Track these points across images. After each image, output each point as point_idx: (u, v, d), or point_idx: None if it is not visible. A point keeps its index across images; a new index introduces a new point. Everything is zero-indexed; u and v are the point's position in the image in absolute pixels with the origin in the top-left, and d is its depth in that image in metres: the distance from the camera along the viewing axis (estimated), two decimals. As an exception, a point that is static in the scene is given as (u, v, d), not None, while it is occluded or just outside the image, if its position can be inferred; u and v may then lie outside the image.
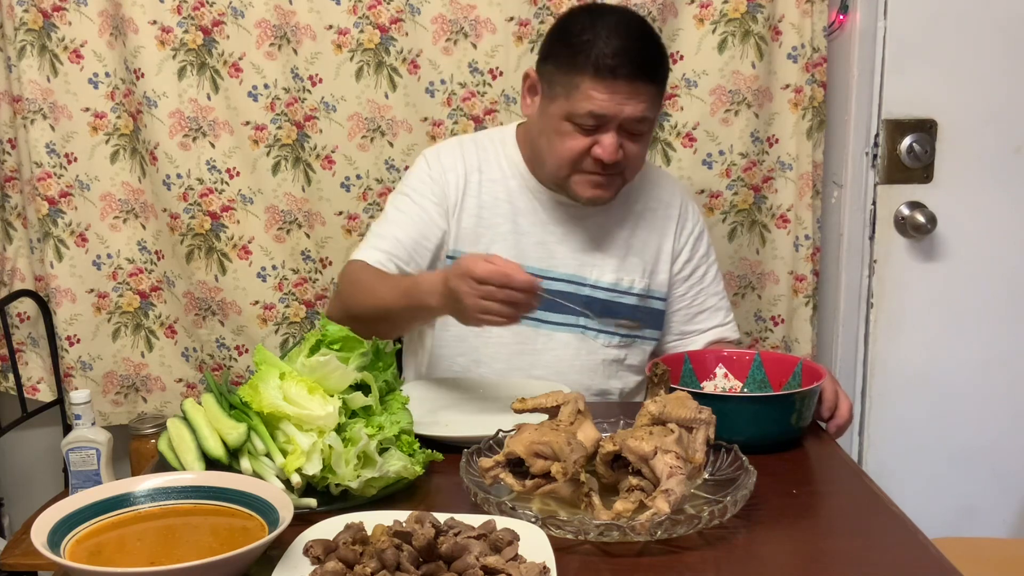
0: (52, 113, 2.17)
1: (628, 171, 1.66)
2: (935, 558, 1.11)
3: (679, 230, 1.81)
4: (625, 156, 1.62)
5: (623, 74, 1.55)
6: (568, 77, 1.59)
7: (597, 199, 1.67)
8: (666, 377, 1.36)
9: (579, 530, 1.10)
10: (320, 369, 1.29)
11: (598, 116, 1.57)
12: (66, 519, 1.08)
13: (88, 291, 2.26)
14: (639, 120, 1.59)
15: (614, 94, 1.56)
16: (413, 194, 1.74)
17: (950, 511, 2.21)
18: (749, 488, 1.17)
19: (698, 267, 1.82)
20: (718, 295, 1.85)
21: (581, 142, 1.61)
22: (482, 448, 1.31)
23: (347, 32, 2.12)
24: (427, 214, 1.72)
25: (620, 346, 1.77)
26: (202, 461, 1.26)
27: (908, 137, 2.11)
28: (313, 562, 1.04)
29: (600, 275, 1.75)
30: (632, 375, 1.81)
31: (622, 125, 1.59)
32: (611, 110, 1.57)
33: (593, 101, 1.56)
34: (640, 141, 1.63)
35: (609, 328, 1.75)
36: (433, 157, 1.77)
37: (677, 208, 1.81)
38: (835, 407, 1.52)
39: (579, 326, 1.74)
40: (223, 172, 2.19)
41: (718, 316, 1.84)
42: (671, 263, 1.80)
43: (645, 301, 1.78)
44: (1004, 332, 2.18)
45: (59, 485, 2.34)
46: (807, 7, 2.10)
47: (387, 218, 1.74)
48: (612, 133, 1.59)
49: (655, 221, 1.79)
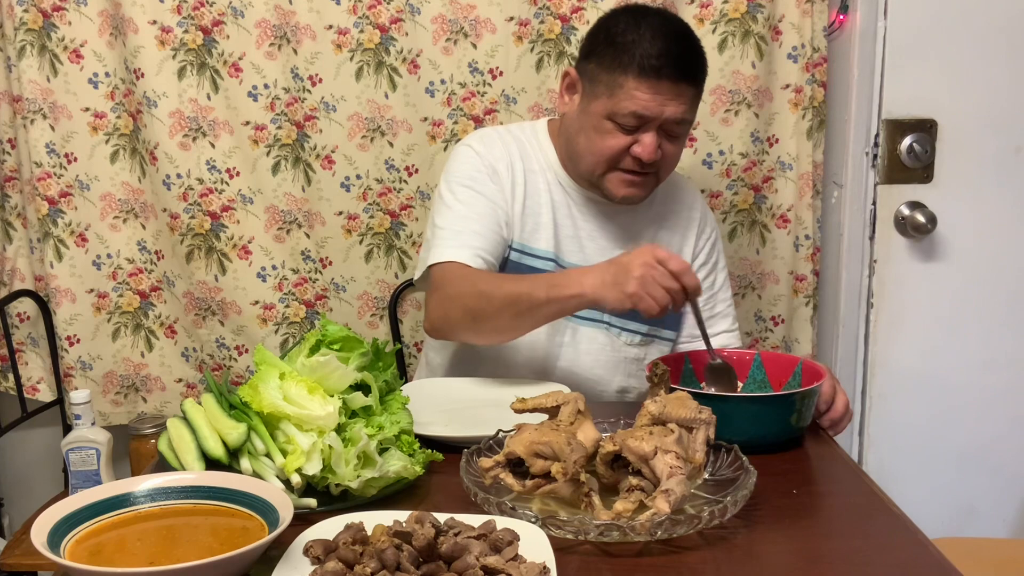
0: (52, 113, 2.17)
1: (663, 171, 1.69)
2: (935, 558, 1.11)
3: (699, 235, 1.83)
4: (663, 156, 1.64)
5: (667, 75, 1.57)
6: (612, 76, 1.60)
7: (631, 198, 1.69)
8: (666, 377, 1.36)
9: (579, 530, 1.10)
10: (320, 369, 1.29)
11: (640, 116, 1.59)
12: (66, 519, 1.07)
13: (88, 291, 2.26)
14: (679, 121, 1.61)
15: (657, 94, 1.57)
16: (475, 184, 1.70)
17: (950, 511, 2.21)
18: (749, 488, 1.17)
19: (711, 273, 1.84)
20: (726, 301, 1.87)
21: (621, 140, 1.62)
22: (482, 448, 1.31)
23: (347, 32, 2.12)
24: (494, 203, 1.69)
25: (640, 344, 1.79)
26: (202, 461, 1.26)
27: (908, 137, 2.11)
28: (313, 562, 1.04)
29: None
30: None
31: (662, 126, 1.61)
32: (654, 110, 1.58)
33: (636, 101, 1.58)
34: (677, 142, 1.66)
35: (630, 326, 1.77)
36: (479, 146, 1.73)
37: (698, 212, 1.84)
38: (832, 402, 1.52)
39: (603, 322, 1.76)
40: (223, 172, 2.19)
41: (726, 322, 1.85)
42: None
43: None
44: (1004, 332, 2.18)
45: (59, 485, 2.34)
46: (807, 7, 2.10)
47: (455, 213, 1.68)
48: (653, 133, 1.61)
49: (678, 223, 1.82)
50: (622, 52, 1.59)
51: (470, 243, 1.64)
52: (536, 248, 1.73)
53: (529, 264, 1.72)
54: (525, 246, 1.73)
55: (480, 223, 1.67)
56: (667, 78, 1.57)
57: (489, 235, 1.66)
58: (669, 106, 1.58)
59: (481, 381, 1.70)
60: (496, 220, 1.68)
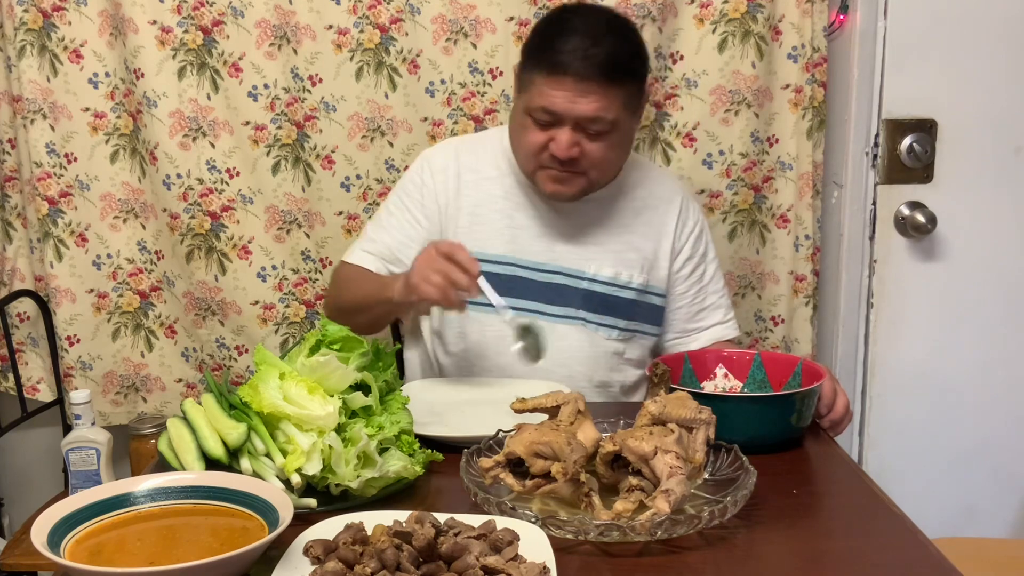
0: (52, 113, 2.17)
1: (593, 172, 1.68)
2: (935, 558, 1.11)
3: (679, 228, 1.82)
4: (584, 155, 1.64)
5: (573, 72, 1.58)
6: (529, 73, 1.64)
7: (557, 194, 1.71)
8: (666, 377, 1.36)
9: (579, 530, 1.10)
10: (320, 369, 1.29)
11: (550, 112, 1.61)
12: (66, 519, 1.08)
13: (88, 291, 2.26)
14: (593, 119, 1.60)
15: (565, 91, 1.59)
16: (404, 196, 1.81)
17: (950, 511, 2.21)
18: (749, 488, 1.17)
19: (699, 265, 1.84)
20: (718, 293, 1.86)
21: (539, 137, 1.65)
22: (482, 448, 1.31)
23: (347, 32, 2.12)
24: (412, 216, 1.79)
25: (620, 340, 1.79)
26: (202, 461, 1.26)
27: (908, 137, 2.11)
28: (313, 562, 1.04)
29: (599, 269, 1.77)
30: (632, 368, 1.82)
31: (579, 124, 1.61)
32: (561, 107, 1.60)
33: (544, 96, 1.61)
34: (601, 141, 1.64)
35: (606, 321, 1.77)
36: (427, 159, 1.83)
37: (677, 205, 1.82)
38: (832, 404, 1.52)
39: (579, 318, 1.76)
40: (223, 172, 2.19)
41: (718, 314, 1.85)
42: (671, 260, 1.81)
43: (644, 296, 1.80)
44: (1004, 332, 2.18)
45: (59, 485, 2.34)
46: (807, 7, 2.10)
47: (378, 219, 1.83)
48: (566, 130, 1.62)
49: (654, 218, 1.81)
50: (538, 49, 1.64)
51: (372, 250, 1.78)
52: (490, 253, 1.75)
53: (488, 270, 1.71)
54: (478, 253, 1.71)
55: (390, 234, 1.79)
56: (573, 75, 1.58)
57: (395, 245, 1.77)
58: (579, 104, 1.59)
59: (481, 381, 1.70)
60: (408, 234, 1.78)
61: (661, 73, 2.14)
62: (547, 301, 1.76)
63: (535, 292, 1.76)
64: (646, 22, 2.08)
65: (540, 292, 1.76)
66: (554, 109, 1.60)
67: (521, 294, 1.76)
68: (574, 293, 1.76)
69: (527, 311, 1.74)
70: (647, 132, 2.16)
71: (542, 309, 1.75)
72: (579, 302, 1.76)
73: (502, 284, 1.74)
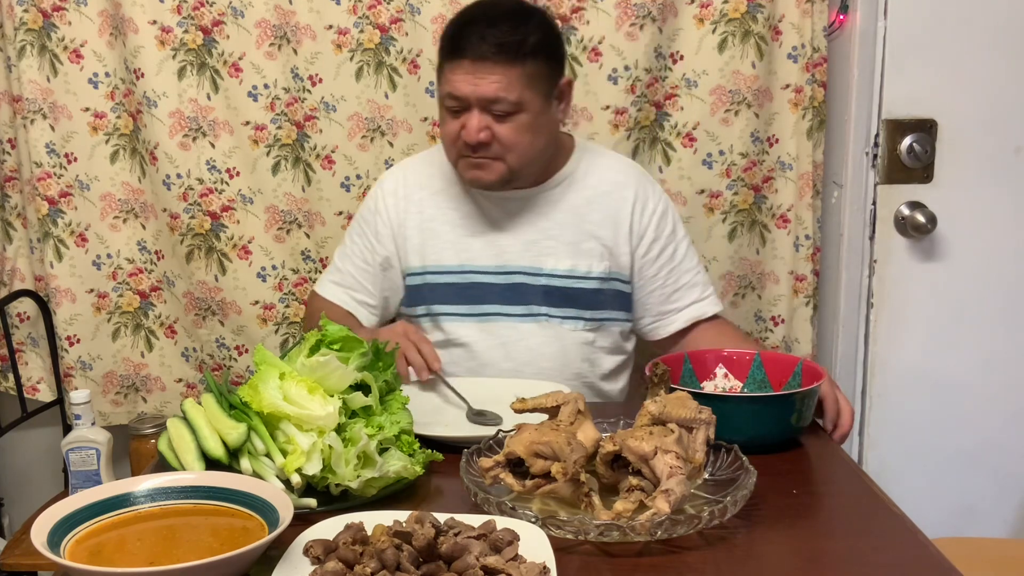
0: (52, 113, 2.17)
1: (511, 156, 1.69)
2: (935, 558, 1.11)
3: (637, 211, 1.81)
4: (496, 138, 1.66)
5: (470, 54, 1.62)
6: (439, 64, 1.69)
7: (476, 181, 1.73)
8: (666, 377, 1.36)
9: (579, 530, 1.10)
10: (320, 369, 1.29)
11: (455, 96, 1.65)
12: (66, 519, 1.08)
13: (88, 291, 2.26)
14: (495, 100, 1.63)
15: (464, 74, 1.63)
16: (362, 223, 1.88)
17: (950, 511, 2.21)
18: (749, 488, 1.17)
19: (667, 246, 1.82)
20: (692, 271, 1.84)
21: (454, 125, 1.68)
22: (482, 448, 1.31)
23: (347, 32, 2.12)
24: (368, 243, 1.85)
25: (588, 330, 1.80)
26: (202, 461, 1.26)
27: (908, 137, 2.11)
28: (313, 562, 1.04)
29: (556, 263, 1.78)
30: (606, 355, 1.83)
31: (484, 106, 1.64)
32: (463, 90, 1.63)
33: (449, 83, 1.65)
34: (509, 122, 1.66)
35: (570, 313, 1.78)
36: (380, 184, 1.89)
37: (632, 189, 1.81)
38: (837, 416, 1.52)
39: (541, 314, 1.78)
40: (223, 172, 2.19)
41: (694, 292, 1.84)
42: (633, 245, 1.81)
43: (608, 284, 1.80)
44: (1004, 332, 2.18)
45: (59, 485, 2.34)
46: (807, 7, 2.10)
47: (342, 246, 1.91)
48: (474, 113, 1.65)
49: (609, 204, 1.80)
50: (443, 40, 1.68)
51: (340, 280, 1.88)
52: (446, 265, 1.80)
53: (443, 281, 1.80)
54: (431, 267, 1.81)
55: (351, 260, 1.87)
56: (470, 57, 1.61)
57: (356, 272, 1.86)
58: (480, 85, 1.62)
59: (481, 381, 1.70)
60: (365, 259, 1.86)
61: (661, 73, 2.14)
62: (507, 302, 1.78)
63: (494, 295, 1.78)
64: (646, 22, 2.08)
65: (499, 295, 1.78)
66: (457, 93, 1.63)
67: (480, 299, 1.78)
68: (534, 290, 1.77)
69: (488, 315, 1.78)
70: (647, 132, 2.16)
71: (503, 311, 1.78)
72: (540, 298, 1.78)
73: (460, 293, 1.79)
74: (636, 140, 2.15)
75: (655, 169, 2.18)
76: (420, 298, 1.82)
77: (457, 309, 1.80)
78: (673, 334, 1.84)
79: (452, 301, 1.80)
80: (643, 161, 2.16)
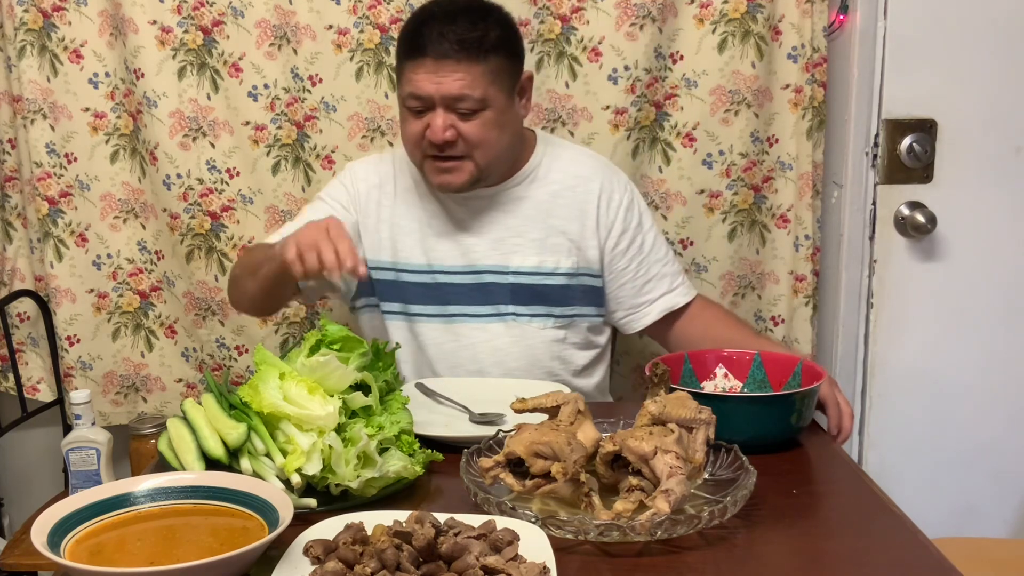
0: (52, 113, 2.17)
1: (478, 153, 1.66)
2: (935, 558, 1.11)
3: (603, 204, 1.79)
4: (463, 137, 1.63)
5: (431, 52, 1.59)
6: (398, 65, 1.66)
7: (445, 185, 1.69)
8: (666, 377, 1.36)
9: (579, 530, 1.10)
10: (320, 369, 1.29)
11: (417, 96, 1.62)
12: (66, 519, 1.08)
13: (88, 291, 2.26)
14: (459, 97, 1.60)
15: (427, 73, 1.60)
16: (327, 198, 1.82)
17: (950, 511, 2.20)
18: (749, 488, 1.17)
19: (635, 237, 1.81)
20: (661, 261, 1.82)
21: (416, 126, 1.65)
22: (482, 448, 1.31)
23: (347, 32, 2.12)
24: (335, 210, 1.77)
25: (557, 327, 1.78)
26: (202, 461, 1.26)
27: (908, 137, 2.11)
28: (313, 562, 1.04)
29: (522, 260, 1.76)
30: (577, 351, 1.81)
31: (448, 105, 1.61)
32: (425, 89, 1.60)
33: (411, 82, 1.62)
34: (475, 120, 1.63)
35: (538, 311, 1.77)
36: (350, 169, 1.85)
37: (597, 182, 1.80)
38: (840, 423, 1.52)
39: (508, 313, 1.76)
40: (223, 172, 2.19)
41: (664, 283, 1.82)
42: (601, 239, 1.79)
43: (576, 279, 1.78)
44: (1004, 332, 2.18)
45: (59, 485, 2.34)
46: (807, 7, 2.10)
47: (297, 219, 1.78)
48: (439, 112, 1.62)
49: (574, 198, 1.78)
50: (401, 39, 1.65)
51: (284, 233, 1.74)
52: (411, 263, 1.77)
53: (409, 280, 1.77)
54: (399, 263, 1.78)
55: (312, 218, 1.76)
56: (432, 55, 1.59)
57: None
58: (443, 83, 1.59)
59: (481, 381, 1.70)
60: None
61: (661, 73, 2.14)
62: (473, 302, 1.76)
63: (461, 296, 1.76)
64: (646, 22, 2.08)
65: (465, 295, 1.76)
66: (420, 92, 1.61)
67: (446, 300, 1.77)
68: (500, 289, 1.76)
69: (454, 316, 1.77)
70: (647, 132, 2.16)
71: (469, 311, 1.76)
72: (507, 297, 1.76)
73: (427, 293, 1.77)
74: (636, 140, 2.15)
75: (655, 169, 2.18)
76: (392, 294, 1.79)
77: (425, 309, 1.78)
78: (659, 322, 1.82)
79: (420, 301, 1.78)
80: (643, 161, 2.16)
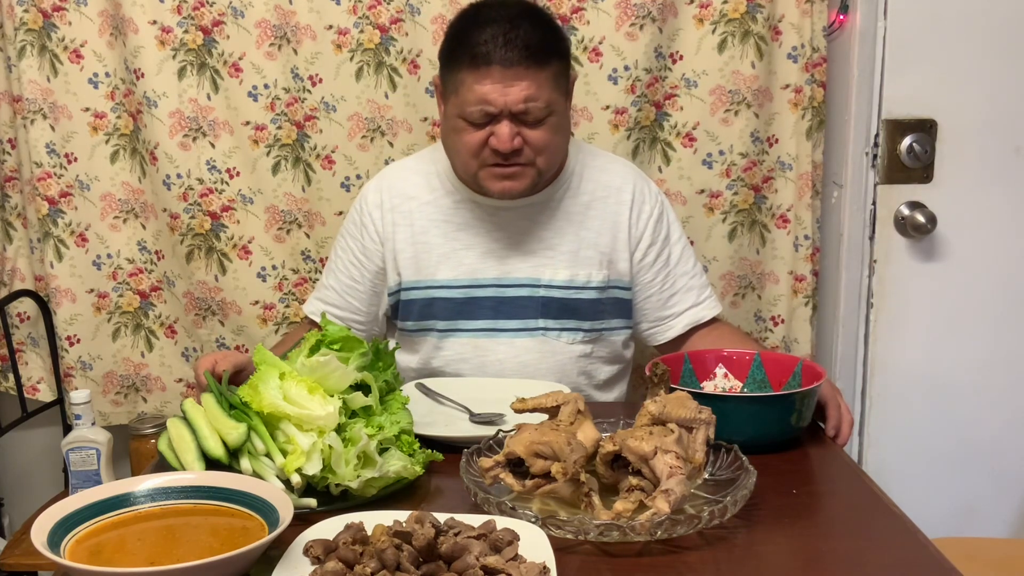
0: (52, 113, 2.17)
1: (541, 159, 1.63)
2: (935, 558, 1.11)
3: (635, 215, 1.77)
4: (528, 144, 1.60)
5: (497, 61, 1.54)
6: (453, 74, 1.60)
7: (507, 192, 1.65)
8: (666, 377, 1.36)
9: (579, 530, 1.10)
10: (320, 369, 1.29)
11: (484, 108, 1.57)
12: (66, 519, 1.08)
13: (88, 291, 2.26)
14: (528, 108, 1.57)
15: (494, 83, 1.55)
16: (347, 238, 1.83)
17: (950, 511, 2.21)
18: (749, 488, 1.17)
19: (663, 249, 1.79)
20: (688, 274, 1.80)
21: (477, 136, 1.60)
22: (482, 448, 1.31)
23: (347, 32, 2.12)
24: (355, 258, 1.80)
25: (585, 342, 1.75)
26: (202, 461, 1.26)
27: (908, 137, 2.11)
28: (313, 562, 1.05)
29: (554, 274, 1.73)
30: (604, 365, 1.80)
31: (515, 113, 1.57)
32: (494, 100, 1.56)
33: (475, 93, 1.56)
34: (542, 127, 1.60)
35: (568, 325, 1.74)
36: (363, 197, 1.82)
37: (629, 193, 1.77)
38: (839, 426, 1.52)
39: (538, 328, 1.74)
40: (223, 172, 2.19)
41: (691, 296, 1.80)
42: (631, 250, 1.77)
43: (607, 292, 1.76)
44: (1004, 332, 2.18)
45: (59, 485, 2.34)
46: (807, 7, 2.10)
47: (329, 263, 1.87)
48: (505, 122, 1.57)
49: (606, 209, 1.76)
50: (457, 48, 1.59)
51: (326, 298, 1.84)
52: (442, 279, 1.74)
53: (440, 295, 1.74)
54: (424, 281, 1.74)
55: (336, 277, 1.83)
56: (498, 64, 1.54)
57: (341, 289, 1.82)
58: (511, 93, 1.55)
59: (481, 381, 1.70)
60: (352, 275, 1.81)
61: (661, 73, 2.14)
62: (504, 317, 1.73)
63: (491, 310, 1.73)
64: (646, 22, 2.08)
65: (496, 309, 1.73)
66: (488, 104, 1.56)
67: (476, 315, 1.74)
68: (532, 303, 1.72)
69: (483, 331, 1.73)
70: (647, 132, 2.16)
71: (498, 325, 1.73)
72: (538, 311, 1.73)
73: (456, 308, 1.74)
74: (636, 140, 2.15)
75: (655, 169, 2.18)
76: (415, 313, 1.76)
77: (452, 325, 1.74)
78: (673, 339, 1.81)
79: (448, 317, 1.74)
80: (643, 161, 2.16)
